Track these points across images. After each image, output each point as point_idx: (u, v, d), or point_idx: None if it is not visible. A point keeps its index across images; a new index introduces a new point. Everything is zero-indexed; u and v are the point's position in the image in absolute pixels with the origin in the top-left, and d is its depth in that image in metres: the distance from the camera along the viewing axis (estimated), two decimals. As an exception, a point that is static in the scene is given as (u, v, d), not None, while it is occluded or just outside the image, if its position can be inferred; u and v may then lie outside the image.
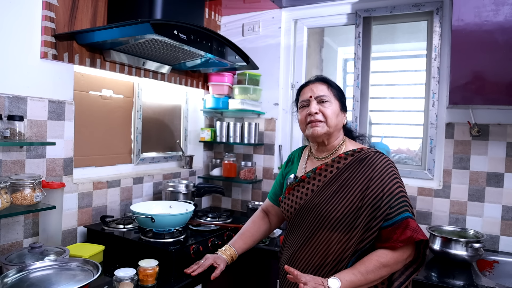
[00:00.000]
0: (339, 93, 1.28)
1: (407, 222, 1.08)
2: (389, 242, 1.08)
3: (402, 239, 1.07)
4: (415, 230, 1.07)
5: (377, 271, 1.06)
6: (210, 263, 1.37)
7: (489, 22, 1.54)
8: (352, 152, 1.26)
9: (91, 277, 1.12)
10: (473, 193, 1.87)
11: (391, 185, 1.14)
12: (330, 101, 1.24)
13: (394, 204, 1.11)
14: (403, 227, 1.08)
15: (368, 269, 1.06)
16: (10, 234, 1.39)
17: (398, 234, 1.07)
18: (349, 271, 1.07)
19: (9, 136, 1.30)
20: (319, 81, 1.29)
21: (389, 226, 1.09)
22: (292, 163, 1.43)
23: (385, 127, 2.31)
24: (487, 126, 1.83)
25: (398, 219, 1.09)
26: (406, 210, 1.11)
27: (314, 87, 1.27)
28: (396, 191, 1.13)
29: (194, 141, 2.53)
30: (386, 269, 1.08)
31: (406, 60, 2.29)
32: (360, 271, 1.06)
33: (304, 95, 1.29)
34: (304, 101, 1.28)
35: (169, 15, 1.63)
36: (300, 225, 1.25)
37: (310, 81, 1.31)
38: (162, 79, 2.08)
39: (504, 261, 1.69)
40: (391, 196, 1.12)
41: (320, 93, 1.25)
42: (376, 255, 1.09)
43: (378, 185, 1.15)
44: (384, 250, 1.09)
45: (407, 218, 1.09)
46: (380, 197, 1.13)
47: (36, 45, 1.44)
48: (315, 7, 2.29)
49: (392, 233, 1.08)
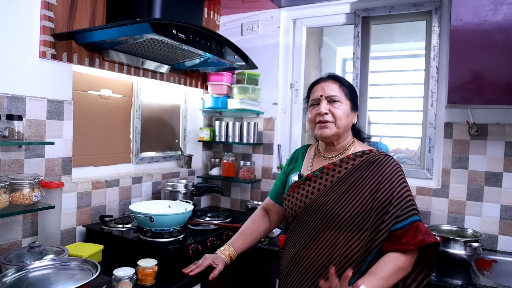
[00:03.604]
0: (350, 92, 1.27)
1: (417, 225, 1.09)
2: (401, 245, 1.08)
3: (414, 242, 1.07)
4: (426, 233, 1.08)
5: (395, 275, 1.06)
6: (208, 263, 1.37)
7: (488, 22, 1.54)
8: (361, 153, 1.25)
9: (90, 276, 1.12)
10: (471, 193, 1.87)
11: (400, 188, 1.14)
12: (340, 101, 1.23)
13: (403, 208, 1.11)
14: (414, 230, 1.08)
15: (389, 273, 1.05)
16: (9, 233, 1.39)
17: (409, 237, 1.07)
18: (371, 278, 1.03)
19: (8, 136, 1.29)
20: (331, 79, 1.27)
21: (399, 229, 1.09)
22: (296, 160, 1.41)
23: (384, 126, 2.31)
24: (486, 126, 1.83)
25: (408, 222, 1.09)
26: (415, 213, 1.12)
27: (325, 86, 1.25)
28: (404, 195, 1.14)
29: (193, 140, 2.53)
30: (402, 272, 1.08)
31: (405, 60, 2.29)
32: (382, 277, 1.04)
33: (315, 94, 1.27)
34: (315, 100, 1.26)
35: (168, 15, 1.63)
36: (305, 224, 1.23)
37: (322, 79, 1.29)
38: (161, 78, 2.08)
39: (502, 260, 1.70)
40: (400, 199, 1.12)
41: (331, 92, 1.23)
42: (391, 258, 1.08)
43: (387, 189, 1.14)
44: (397, 253, 1.08)
45: (416, 221, 1.10)
46: (389, 200, 1.12)
47: (35, 45, 1.44)
48: (314, 6, 2.29)
49: (402, 236, 1.08)
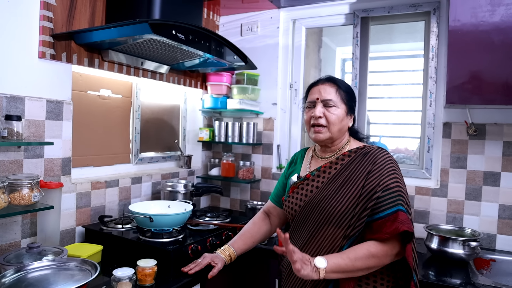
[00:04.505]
0: (347, 96, 1.27)
1: (396, 215, 1.09)
2: (378, 234, 1.10)
3: (388, 231, 1.07)
4: (402, 222, 1.07)
5: (365, 259, 1.07)
6: (207, 262, 1.38)
7: (485, 23, 1.55)
8: (355, 149, 1.27)
9: (90, 277, 1.12)
10: (470, 192, 1.88)
11: (387, 179, 1.15)
12: (336, 105, 1.24)
13: (387, 197, 1.12)
14: (392, 220, 1.08)
15: (357, 255, 1.07)
16: (8, 234, 1.39)
17: (387, 226, 1.08)
18: (337, 254, 1.09)
19: (7, 136, 1.29)
20: (329, 82, 1.28)
21: (381, 219, 1.10)
22: (295, 163, 1.43)
23: (383, 126, 2.31)
24: (484, 126, 1.84)
25: (389, 212, 1.10)
26: (399, 204, 1.11)
27: (322, 89, 1.26)
28: (392, 185, 1.14)
29: (193, 141, 2.53)
30: (375, 259, 1.08)
31: (403, 60, 2.30)
32: (349, 256, 1.07)
33: (312, 96, 1.29)
34: (311, 102, 1.28)
35: (168, 15, 1.63)
36: (304, 222, 1.25)
37: (320, 81, 1.30)
38: (161, 79, 2.08)
39: (501, 259, 1.71)
40: (385, 189, 1.13)
41: (327, 96, 1.24)
42: (366, 244, 1.10)
43: (375, 178, 1.16)
44: (374, 241, 1.10)
45: (397, 211, 1.09)
46: (375, 190, 1.14)
47: (34, 45, 1.44)
48: (313, 7, 2.29)
49: (382, 225, 1.09)
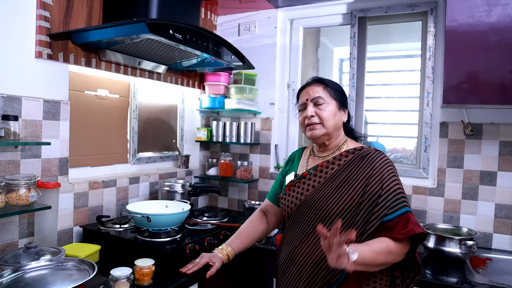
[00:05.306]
0: (336, 92, 1.30)
1: (407, 216, 1.11)
2: (392, 233, 1.10)
3: (403, 232, 1.09)
4: (416, 224, 1.11)
5: (386, 255, 1.07)
6: (205, 262, 1.38)
7: (482, 23, 1.56)
8: (353, 150, 1.28)
9: (87, 276, 1.12)
10: (466, 192, 1.89)
11: (389, 182, 1.17)
12: (326, 102, 1.27)
13: (393, 200, 1.14)
14: (404, 221, 1.10)
15: (380, 250, 1.06)
16: (5, 234, 1.39)
17: (400, 227, 1.10)
18: (363, 246, 1.04)
19: (3, 136, 1.29)
20: (315, 82, 1.31)
21: (390, 221, 1.11)
22: (292, 162, 1.45)
23: (380, 126, 2.32)
24: (480, 125, 1.85)
25: (399, 214, 1.12)
26: (405, 205, 1.14)
27: (310, 90, 1.30)
28: (394, 188, 1.16)
29: (191, 140, 2.53)
30: (391, 256, 1.09)
31: (401, 60, 2.30)
32: (374, 250, 1.05)
33: (302, 99, 1.33)
34: (302, 105, 1.32)
35: (165, 15, 1.63)
36: (300, 220, 1.26)
37: (307, 84, 1.33)
38: (158, 78, 2.08)
39: (497, 258, 1.72)
40: (389, 192, 1.15)
41: (315, 95, 1.27)
42: (386, 240, 1.10)
43: (377, 182, 1.17)
44: (390, 239, 1.10)
45: (407, 212, 1.12)
46: (379, 193, 1.15)
47: (31, 45, 1.43)
48: (311, 7, 2.29)
49: (393, 227, 1.11)
